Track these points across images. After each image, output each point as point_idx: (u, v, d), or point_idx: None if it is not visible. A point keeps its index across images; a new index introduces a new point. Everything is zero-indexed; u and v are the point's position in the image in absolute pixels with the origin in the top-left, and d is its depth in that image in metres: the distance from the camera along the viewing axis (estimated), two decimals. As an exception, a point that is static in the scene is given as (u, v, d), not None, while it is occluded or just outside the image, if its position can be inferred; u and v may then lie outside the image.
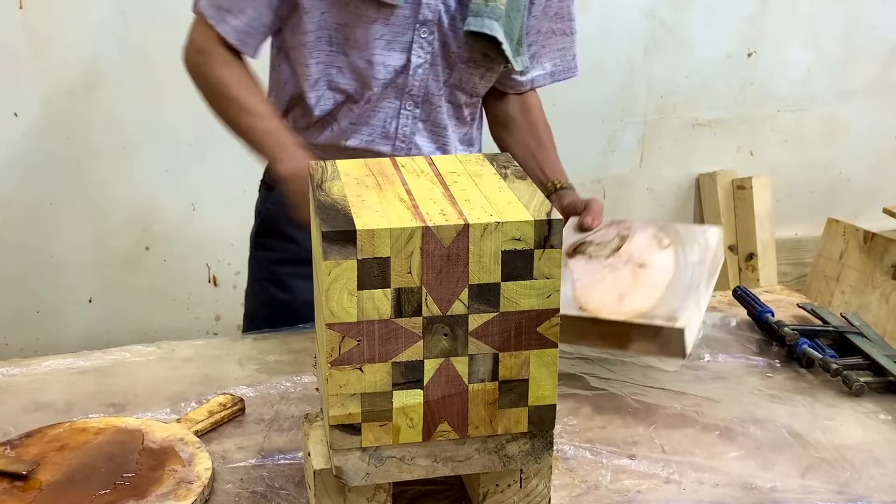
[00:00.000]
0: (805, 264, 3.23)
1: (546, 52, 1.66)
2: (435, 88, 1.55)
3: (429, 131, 1.59)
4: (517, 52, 1.55)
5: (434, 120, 1.59)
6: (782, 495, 1.15)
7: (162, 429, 1.22)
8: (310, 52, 1.51)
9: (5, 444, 1.19)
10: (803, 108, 3.21)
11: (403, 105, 1.55)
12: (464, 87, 1.58)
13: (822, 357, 1.41)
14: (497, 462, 1.04)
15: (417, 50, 1.51)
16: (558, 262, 0.97)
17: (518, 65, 1.56)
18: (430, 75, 1.54)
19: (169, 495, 1.09)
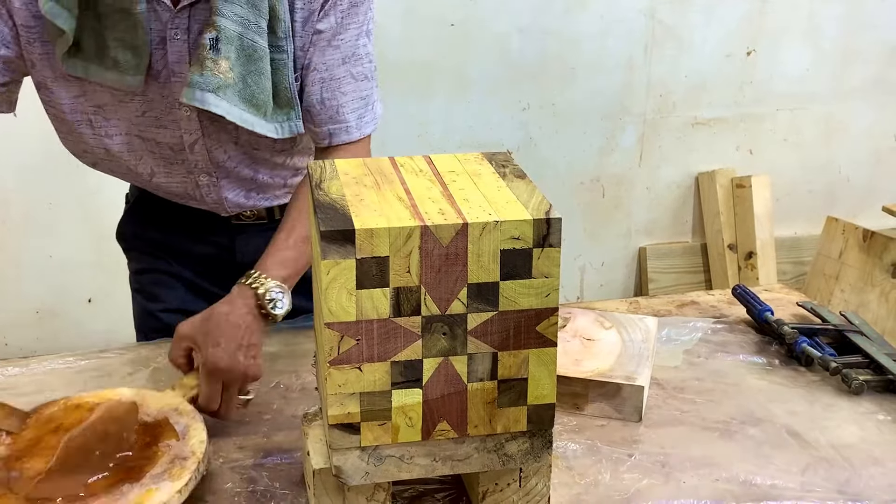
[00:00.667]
0: (804, 263, 3.24)
1: (346, 101, 1.39)
2: (222, 155, 1.42)
3: (237, 186, 1.48)
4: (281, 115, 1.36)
5: (237, 177, 1.46)
6: (781, 493, 1.15)
7: (156, 399, 1.22)
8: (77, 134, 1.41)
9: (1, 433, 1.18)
10: (802, 107, 3.21)
11: (198, 178, 1.44)
12: (258, 147, 1.43)
13: (821, 355, 1.41)
14: (496, 461, 1.04)
15: (186, 127, 1.37)
16: (557, 262, 0.97)
17: (280, 131, 1.37)
18: (211, 146, 1.40)
19: (163, 475, 1.09)
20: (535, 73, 2.94)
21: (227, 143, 1.41)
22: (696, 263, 3.24)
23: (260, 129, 1.34)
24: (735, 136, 3.18)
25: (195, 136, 1.38)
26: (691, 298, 1.68)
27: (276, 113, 1.36)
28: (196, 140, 1.39)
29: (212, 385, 1.22)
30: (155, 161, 1.43)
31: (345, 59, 1.38)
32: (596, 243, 3.18)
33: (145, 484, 1.08)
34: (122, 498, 1.06)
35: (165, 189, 1.49)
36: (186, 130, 1.38)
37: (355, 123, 1.41)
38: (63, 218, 2.64)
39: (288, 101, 1.36)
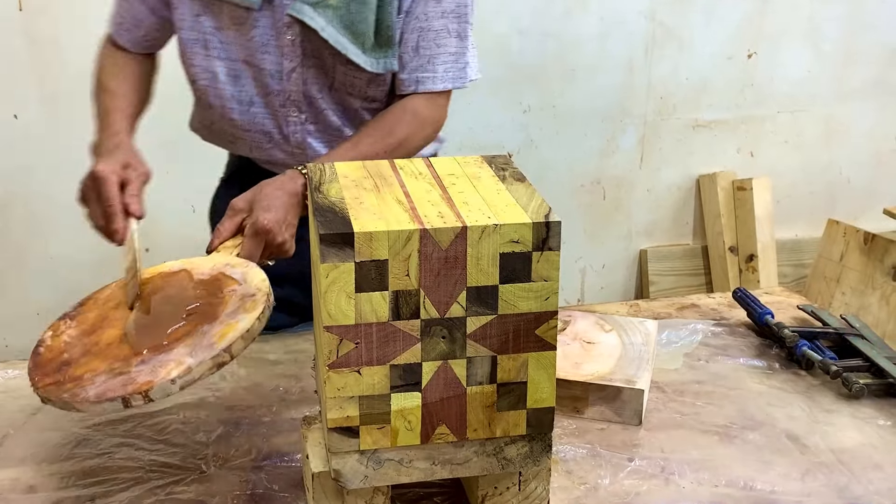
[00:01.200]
0: (805, 265, 3.23)
1: (439, 53, 1.49)
2: (316, 92, 1.50)
3: (321, 133, 1.55)
4: (379, 52, 1.46)
5: (325, 123, 1.54)
6: (781, 497, 1.15)
7: (204, 261, 1.25)
8: (190, 55, 1.52)
9: (64, 318, 1.22)
10: (803, 109, 3.21)
11: (288, 111, 1.52)
12: (351, 93, 1.51)
13: (821, 359, 1.41)
14: (495, 465, 1.03)
15: (288, 53, 1.47)
16: (556, 265, 0.97)
17: (375, 66, 1.46)
18: (307, 78, 1.49)
19: (238, 311, 1.11)
20: (536, 75, 2.94)
21: (322, 78, 1.49)
22: (696, 266, 3.24)
23: (354, 56, 1.44)
24: (736, 138, 3.18)
25: (294, 63, 1.47)
26: (691, 301, 1.68)
27: (375, 49, 1.45)
28: (294, 68, 1.47)
29: (256, 243, 1.29)
30: (254, 89, 1.51)
31: (444, 12, 1.48)
32: (596, 245, 3.18)
33: (223, 321, 1.10)
34: (204, 336, 1.08)
35: (259, 128, 1.54)
36: (288, 56, 1.46)
37: (441, 75, 1.51)
38: (64, 219, 2.64)
39: (388, 39, 1.45)
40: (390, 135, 1.48)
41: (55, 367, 1.12)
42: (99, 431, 1.27)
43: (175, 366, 1.05)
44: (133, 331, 1.13)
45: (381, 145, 1.46)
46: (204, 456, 1.21)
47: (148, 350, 1.09)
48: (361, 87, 1.50)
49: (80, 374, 1.09)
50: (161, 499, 1.13)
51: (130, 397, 1.03)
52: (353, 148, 1.44)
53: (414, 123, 1.50)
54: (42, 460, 1.21)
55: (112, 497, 1.14)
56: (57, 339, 1.18)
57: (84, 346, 1.15)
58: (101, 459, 1.21)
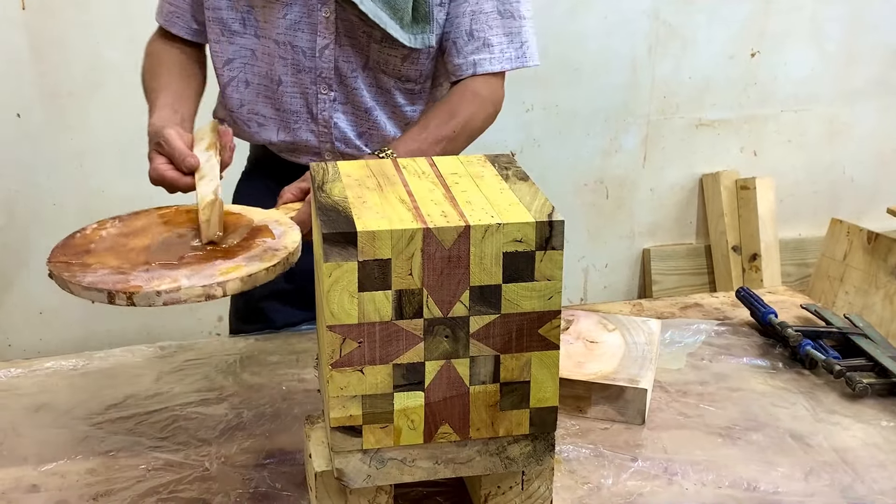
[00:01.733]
0: (808, 265, 3.23)
1: (493, 34, 1.53)
2: (348, 70, 1.52)
3: (351, 115, 1.56)
4: (417, 28, 1.49)
5: (355, 103, 1.55)
6: (785, 498, 1.15)
7: (259, 213, 1.31)
8: (228, 34, 1.54)
9: (115, 218, 1.31)
10: (806, 108, 3.21)
11: (318, 89, 1.53)
12: (386, 70, 1.53)
13: (825, 358, 1.41)
14: (498, 464, 1.03)
15: (322, 31, 1.49)
16: (560, 264, 0.97)
17: (412, 41, 1.49)
18: (339, 56, 1.51)
19: (254, 258, 1.16)
20: (539, 75, 2.93)
21: (356, 56, 1.51)
22: (699, 265, 3.24)
23: (393, 31, 1.46)
24: (739, 137, 3.18)
25: (328, 41, 1.48)
26: (695, 301, 1.68)
27: (413, 25, 1.48)
28: (328, 45, 1.49)
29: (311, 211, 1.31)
30: (285, 67, 1.53)
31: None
32: (599, 245, 3.18)
33: (236, 262, 1.15)
34: (211, 268, 1.13)
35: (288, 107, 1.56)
36: (321, 34, 1.48)
37: (497, 56, 1.53)
38: (67, 218, 2.64)
39: (425, 15, 1.48)
40: (454, 116, 1.52)
41: (76, 252, 1.20)
42: (101, 429, 1.27)
43: (169, 281, 1.10)
44: (158, 244, 1.20)
45: (448, 127, 1.51)
46: (207, 454, 1.21)
47: (157, 263, 1.15)
48: (396, 64, 1.52)
49: (90, 262, 1.17)
50: (164, 497, 1.13)
51: (116, 294, 1.09)
52: (423, 130, 1.50)
53: (475, 103, 1.53)
54: (45, 459, 1.21)
55: (115, 495, 1.14)
56: (97, 231, 1.27)
57: (112, 243, 1.23)
58: (103, 457, 1.21)
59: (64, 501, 1.13)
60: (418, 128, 1.51)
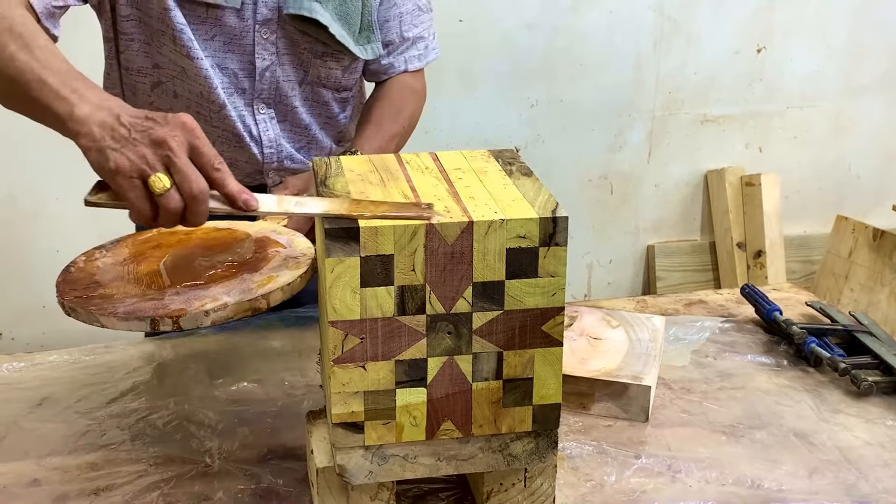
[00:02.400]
0: (814, 262, 3.22)
1: (419, 32, 1.59)
2: (288, 89, 1.49)
3: (290, 132, 1.54)
4: (363, 38, 1.49)
5: (293, 121, 1.53)
6: (789, 496, 1.14)
7: (250, 226, 1.26)
8: (157, 46, 1.44)
9: (99, 248, 1.24)
10: (812, 105, 3.19)
11: (256, 108, 1.49)
12: (325, 84, 1.52)
13: (830, 356, 1.40)
14: (501, 461, 1.03)
15: (261, 52, 1.44)
16: (563, 260, 0.96)
17: (364, 53, 1.50)
18: (280, 76, 1.48)
19: (281, 268, 1.12)
20: (543, 70, 2.93)
21: (294, 73, 1.49)
22: (704, 262, 3.23)
23: (351, 47, 1.46)
24: (744, 133, 3.17)
25: (269, 62, 1.45)
26: (699, 297, 1.67)
27: (361, 37, 1.49)
28: (268, 66, 1.45)
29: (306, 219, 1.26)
30: (224, 86, 1.47)
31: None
32: (604, 241, 3.17)
33: (264, 273, 1.11)
34: (244, 282, 1.10)
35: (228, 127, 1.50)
36: (261, 55, 1.44)
37: (423, 52, 1.61)
38: (70, 213, 2.64)
39: (369, 24, 1.49)
40: (401, 112, 1.56)
41: (84, 285, 1.13)
42: (103, 424, 1.27)
43: (210, 300, 1.06)
44: (169, 267, 1.15)
45: (398, 123, 1.54)
46: (208, 450, 1.21)
47: (183, 285, 1.10)
48: (337, 76, 1.52)
49: (110, 293, 1.10)
50: (165, 493, 1.13)
51: (160, 319, 1.02)
52: (378, 128, 1.51)
53: (414, 98, 1.61)
54: (46, 453, 1.20)
55: (116, 490, 1.13)
56: (90, 263, 1.20)
57: (117, 273, 1.16)
58: (105, 452, 1.21)
59: (65, 496, 1.13)
60: (373, 126, 1.52)
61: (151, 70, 1.48)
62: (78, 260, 1.21)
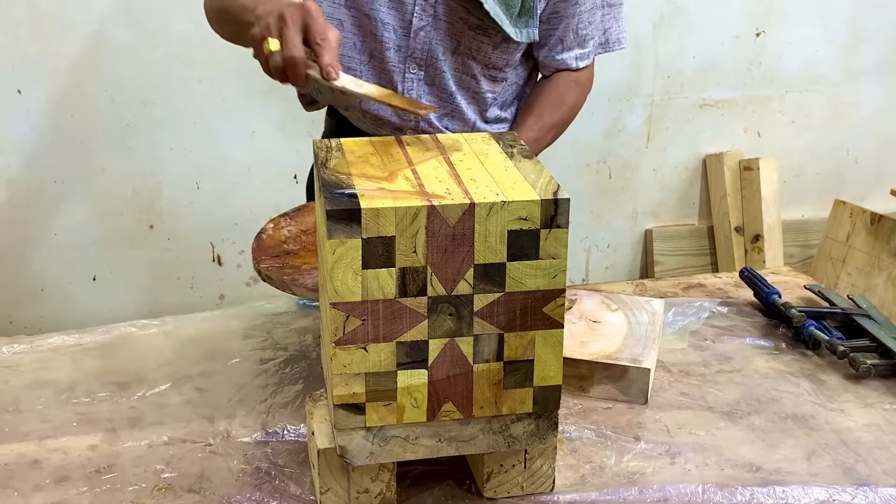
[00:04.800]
0: (811, 246, 3.22)
1: (594, 30, 1.61)
2: (440, 53, 1.52)
3: (436, 96, 1.57)
4: (521, 22, 1.51)
5: (440, 86, 1.56)
6: (787, 478, 1.14)
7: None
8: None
9: (284, 216, 1.39)
10: (811, 89, 3.19)
11: (407, 67, 1.53)
12: (475, 57, 1.54)
13: (828, 339, 1.40)
14: (501, 442, 1.03)
15: (419, 13, 1.48)
16: (565, 243, 0.96)
17: (519, 35, 1.52)
18: (433, 39, 1.51)
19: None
20: (543, 53, 2.91)
21: (448, 40, 1.51)
22: (702, 246, 3.23)
23: (506, 27, 1.48)
24: (743, 117, 3.16)
25: (424, 23, 1.49)
26: (698, 281, 1.68)
27: (519, 19, 1.50)
28: (423, 27, 1.49)
29: None
30: (377, 42, 1.51)
31: None
32: (602, 225, 3.17)
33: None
34: None
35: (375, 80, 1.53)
36: (419, 15, 1.48)
37: (593, 49, 1.63)
38: (68, 196, 2.63)
39: (529, 9, 1.50)
40: (563, 103, 1.62)
41: (276, 253, 1.29)
42: (103, 405, 1.27)
43: None
44: None
45: (559, 114, 1.61)
46: (209, 430, 1.21)
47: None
48: (487, 52, 1.53)
49: (298, 264, 1.26)
50: (165, 472, 1.13)
51: None
52: (538, 119, 1.58)
53: (578, 90, 1.65)
54: (47, 435, 1.21)
55: (116, 470, 1.14)
56: (278, 231, 1.35)
57: (302, 243, 1.32)
58: (105, 433, 1.21)
59: (66, 477, 1.13)
60: (533, 117, 1.58)
61: None
62: (267, 227, 1.36)
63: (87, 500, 1.09)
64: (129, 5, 2.49)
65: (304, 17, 1.18)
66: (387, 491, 1.06)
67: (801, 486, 1.13)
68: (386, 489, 1.06)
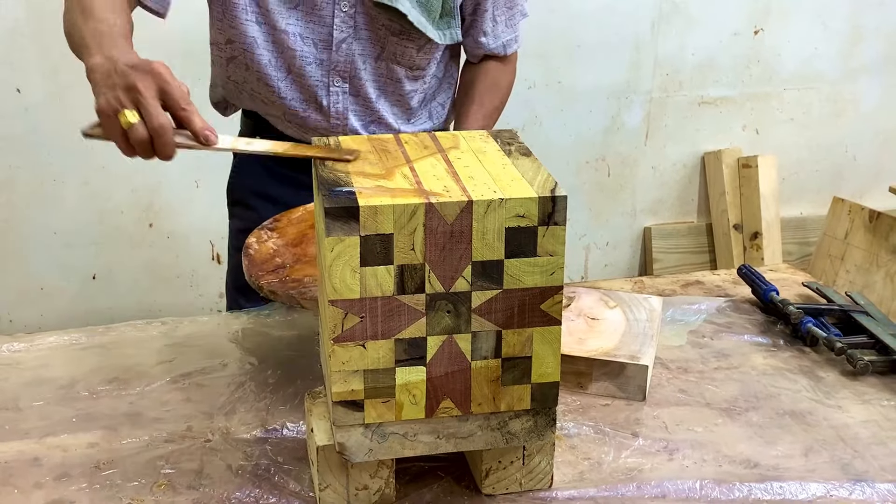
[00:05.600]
0: (810, 243, 3.23)
1: (515, 13, 1.62)
2: (361, 63, 1.51)
3: (360, 106, 1.56)
4: (443, 23, 1.51)
5: (363, 95, 1.55)
6: (785, 474, 1.15)
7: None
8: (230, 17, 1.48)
9: (262, 229, 1.38)
10: (810, 87, 3.19)
11: (332, 80, 1.52)
12: (399, 61, 1.53)
13: (826, 336, 1.41)
14: (500, 439, 1.04)
15: (339, 25, 1.47)
16: (562, 240, 0.97)
17: (443, 38, 1.53)
18: (356, 50, 1.50)
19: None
20: (541, 51, 2.92)
21: (371, 48, 1.51)
22: (701, 243, 3.23)
23: (429, 33, 1.49)
24: (741, 115, 3.17)
25: (346, 34, 1.47)
26: (696, 278, 1.68)
27: (440, 21, 1.51)
28: (345, 38, 1.48)
29: None
30: (297, 58, 1.50)
31: None
32: (601, 223, 3.17)
33: None
34: None
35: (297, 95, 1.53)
36: (339, 28, 1.47)
37: (519, 34, 1.65)
38: (68, 194, 2.64)
39: (450, 10, 1.51)
40: (498, 85, 1.64)
41: (271, 268, 1.28)
42: (103, 402, 1.27)
43: None
44: None
45: (497, 98, 1.63)
46: (208, 427, 1.22)
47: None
48: (411, 55, 1.53)
49: (299, 277, 1.26)
50: (165, 469, 1.14)
51: None
52: (480, 106, 1.59)
53: (510, 73, 1.68)
54: (47, 432, 1.21)
55: (116, 466, 1.14)
56: (263, 244, 1.34)
57: (294, 255, 1.31)
58: (105, 431, 1.21)
59: (66, 474, 1.13)
60: (475, 105, 1.59)
61: (224, 45, 1.53)
62: (250, 242, 1.35)
63: (87, 496, 1.09)
64: (128, 4, 2.49)
65: (159, 84, 1.08)
66: (385, 487, 1.06)
67: (799, 482, 1.13)
68: (385, 486, 1.06)
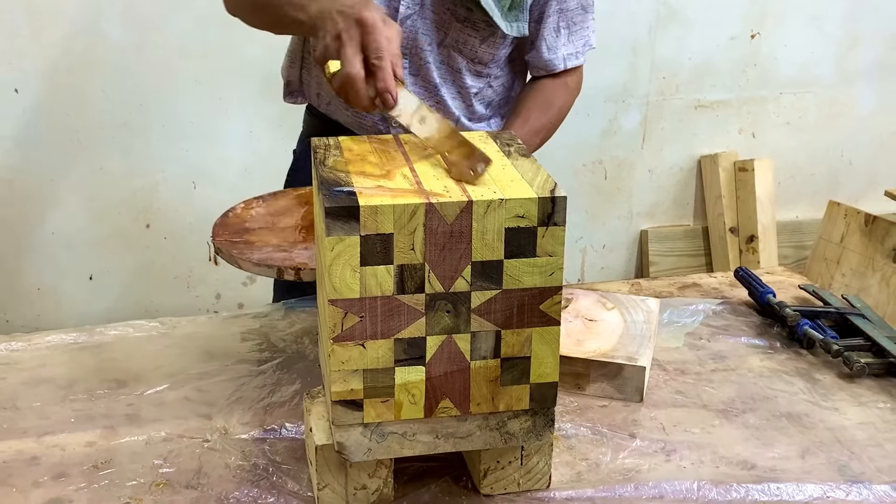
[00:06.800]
0: (806, 247, 3.23)
1: (578, 30, 1.61)
2: (425, 44, 1.51)
3: (420, 87, 1.56)
4: (511, 15, 1.51)
5: (425, 77, 1.55)
6: (782, 475, 1.15)
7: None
8: None
9: (258, 198, 1.43)
10: (806, 91, 3.20)
11: None
12: (461, 50, 1.53)
13: (823, 338, 1.41)
14: (498, 439, 1.04)
15: (407, 1, 1.47)
16: (562, 240, 0.97)
17: (510, 29, 1.51)
18: (419, 29, 1.50)
19: None
20: (539, 54, 2.92)
21: (434, 31, 1.50)
22: (697, 247, 3.24)
23: (497, 20, 1.48)
24: (738, 119, 3.17)
25: (411, 11, 1.48)
26: (693, 280, 1.68)
27: (509, 13, 1.50)
28: (410, 15, 1.47)
29: None
30: None
31: None
32: (597, 225, 3.18)
33: None
34: None
35: None
36: (406, 3, 1.47)
37: (581, 50, 1.62)
38: (65, 194, 2.64)
39: (519, 3, 1.50)
40: (550, 106, 1.61)
41: (235, 230, 1.33)
42: (101, 402, 1.27)
43: None
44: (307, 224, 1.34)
45: (546, 117, 1.60)
46: (207, 427, 1.22)
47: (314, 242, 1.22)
48: (474, 45, 1.52)
49: (253, 240, 1.30)
50: (163, 468, 1.14)
51: (284, 270, 1.22)
52: (525, 122, 1.57)
53: (566, 93, 1.65)
54: (45, 432, 1.21)
55: (114, 466, 1.14)
56: (246, 210, 1.39)
57: (265, 222, 1.36)
58: (103, 430, 1.21)
59: (64, 473, 1.13)
60: (520, 120, 1.57)
61: None
62: (237, 207, 1.40)
63: (85, 495, 1.10)
64: (127, 5, 2.49)
65: (361, 33, 1.15)
66: (384, 487, 1.07)
67: (796, 484, 1.14)
68: (383, 485, 1.06)
